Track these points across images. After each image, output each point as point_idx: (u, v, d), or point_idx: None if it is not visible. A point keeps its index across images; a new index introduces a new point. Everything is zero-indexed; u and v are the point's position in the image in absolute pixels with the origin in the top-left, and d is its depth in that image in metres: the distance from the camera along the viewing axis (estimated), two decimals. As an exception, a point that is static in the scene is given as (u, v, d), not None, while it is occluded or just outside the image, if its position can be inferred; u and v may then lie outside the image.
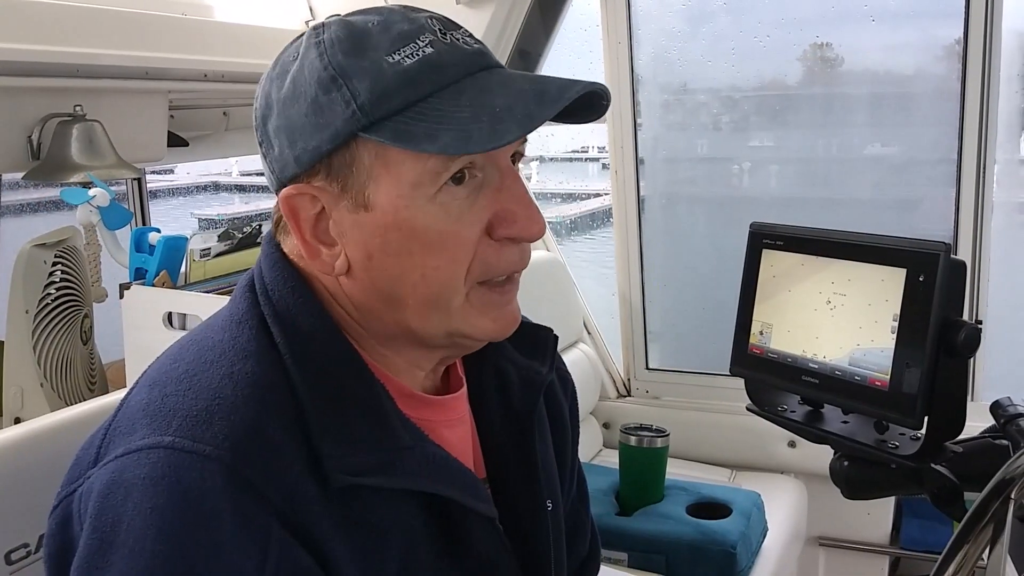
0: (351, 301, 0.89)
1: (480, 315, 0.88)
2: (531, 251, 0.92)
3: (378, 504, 0.83)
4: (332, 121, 0.82)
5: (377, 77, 0.82)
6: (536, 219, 0.86)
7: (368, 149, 0.83)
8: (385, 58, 0.82)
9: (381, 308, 0.88)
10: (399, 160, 0.82)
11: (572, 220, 10.17)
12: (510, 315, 0.91)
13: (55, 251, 1.96)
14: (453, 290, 0.86)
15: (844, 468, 1.04)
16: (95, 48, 1.85)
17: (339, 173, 0.84)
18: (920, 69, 2.69)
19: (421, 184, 0.82)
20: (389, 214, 0.83)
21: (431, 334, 0.88)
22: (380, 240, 0.84)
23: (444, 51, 0.84)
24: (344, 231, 0.86)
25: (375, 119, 0.81)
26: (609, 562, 2.10)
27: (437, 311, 0.86)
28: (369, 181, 0.83)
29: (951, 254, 0.90)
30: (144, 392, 0.83)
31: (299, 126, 0.84)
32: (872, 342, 0.94)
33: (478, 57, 0.86)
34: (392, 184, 0.83)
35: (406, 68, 0.82)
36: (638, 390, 3.07)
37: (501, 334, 0.92)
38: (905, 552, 2.71)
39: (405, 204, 0.83)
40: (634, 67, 2.82)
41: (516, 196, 0.86)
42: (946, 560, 0.81)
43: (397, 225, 0.83)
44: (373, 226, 0.84)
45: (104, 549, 0.73)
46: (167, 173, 13.31)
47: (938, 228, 2.62)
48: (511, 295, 0.91)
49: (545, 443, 1.07)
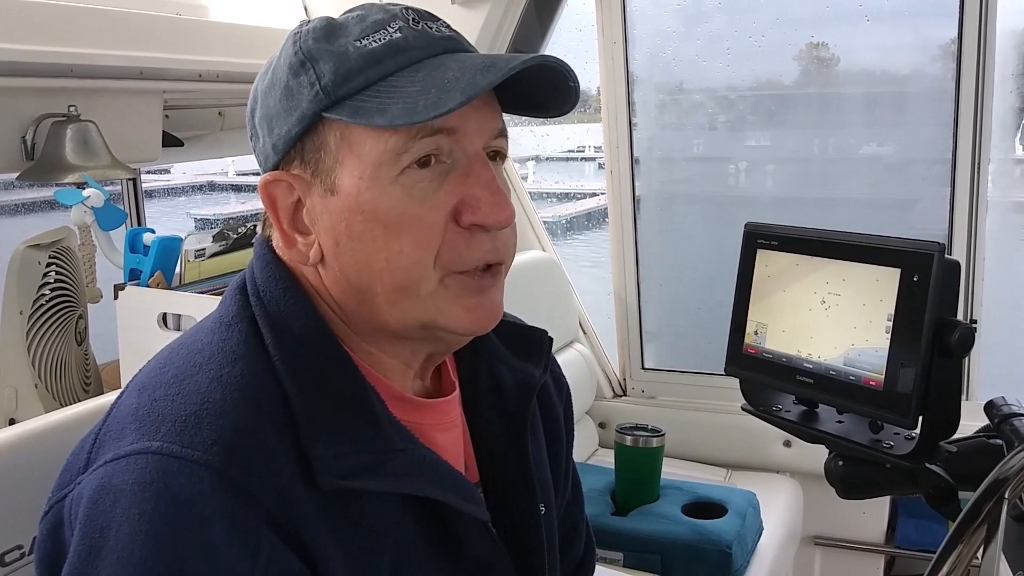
0: (332, 296, 0.89)
1: (454, 303, 0.86)
2: (513, 246, 0.91)
3: (370, 507, 0.83)
4: (299, 104, 0.85)
5: (341, 59, 0.84)
6: (502, 206, 0.85)
7: (333, 131, 0.85)
8: (353, 43, 0.85)
9: (355, 301, 0.88)
10: (361, 140, 0.83)
11: (568, 220, 10.18)
12: (487, 306, 0.89)
13: (49, 252, 1.95)
14: (420, 276, 0.85)
15: (839, 468, 1.04)
16: (89, 48, 1.85)
17: (310, 158, 0.86)
18: (915, 69, 2.70)
19: (382, 164, 0.83)
20: (352, 196, 0.84)
21: (405, 325, 0.87)
22: (345, 224, 0.85)
23: (412, 36, 0.85)
24: (316, 218, 0.87)
25: (336, 99, 0.83)
26: (605, 562, 2.10)
27: (407, 299, 0.86)
28: (336, 164, 0.85)
29: (945, 254, 0.90)
30: (134, 397, 0.83)
31: (275, 113, 0.87)
32: (867, 342, 0.95)
33: (445, 42, 0.87)
34: (356, 166, 0.84)
35: (371, 50, 0.84)
36: (634, 390, 3.07)
37: (477, 326, 0.90)
38: (900, 551, 2.72)
39: (367, 186, 0.83)
40: (629, 67, 2.82)
41: (482, 182, 0.85)
42: (941, 559, 0.82)
43: (360, 208, 0.84)
44: (339, 210, 0.85)
45: (93, 555, 0.73)
46: (163, 173, 13.32)
47: (933, 228, 2.63)
48: (490, 287, 0.89)
49: (539, 446, 1.07)
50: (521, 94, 0.89)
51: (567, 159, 14.36)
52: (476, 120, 0.85)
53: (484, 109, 0.86)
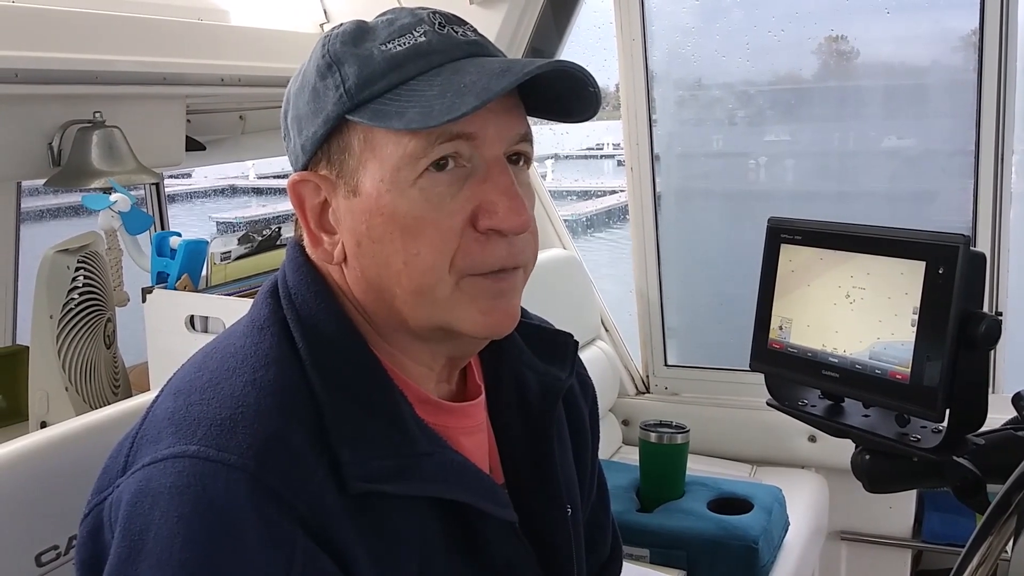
0: (355, 296, 0.90)
1: (470, 305, 0.87)
2: (532, 250, 0.91)
3: (397, 510, 0.84)
4: (325, 106, 0.86)
5: (366, 62, 0.85)
6: (519, 211, 0.85)
7: (356, 133, 0.86)
8: (379, 46, 0.85)
9: (376, 301, 0.89)
10: (383, 143, 0.84)
11: (588, 217, 10.16)
12: (503, 310, 0.89)
13: (78, 256, 1.97)
14: (437, 279, 0.85)
15: (866, 462, 1.04)
16: (113, 55, 1.87)
17: (336, 159, 0.87)
18: (936, 60, 2.68)
19: (402, 168, 0.84)
20: (373, 198, 0.85)
21: (423, 327, 0.88)
22: (366, 225, 0.86)
23: (436, 40, 0.86)
24: (340, 218, 0.89)
25: (359, 101, 0.84)
26: (631, 558, 2.10)
27: (424, 301, 0.86)
28: (359, 166, 0.86)
29: (970, 246, 0.90)
30: (169, 400, 0.84)
31: (304, 115, 0.89)
32: (892, 335, 0.94)
33: (469, 46, 0.88)
34: (377, 168, 0.85)
35: (395, 54, 0.85)
36: (657, 387, 3.07)
37: (493, 330, 0.90)
38: (928, 545, 2.70)
39: (387, 188, 0.84)
40: (648, 64, 2.82)
41: (500, 187, 0.85)
42: (970, 552, 0.81)
43: (380, 210, 0.85)
44: (361, 211, 0.86)
45: (133, 558, 0.75)
46: (184, 177, 13.38)
47: (955, 220, 2.61)
48: (507, 289, 0.89)
49: (564, 448, 1.07)
50: (546, 99, 0.89)
51: (586, 157, 14.33)
52: (496, 125, 0.86)
53: (505, 114, 0.86)
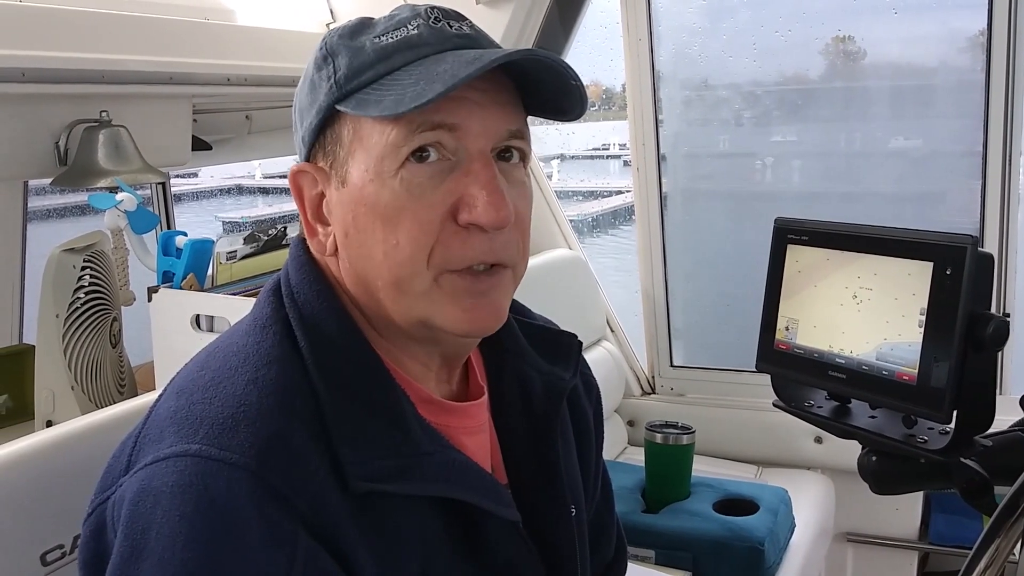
0: (349, 290, 0.90)
1: (450, 303, 0.86)
2: (518, 247, 0.89)
3: (399, 510, 0.84)
4: (319, 97, 0.88)
5: (357, 53, 0.86)
6: (499, 206, 0.84)
7: (345, 124, 0.87)
8: (372, 39, 0.87)
9: (364, 293, 0.89)
10: (369, 133, 0.85)
11: (594, 218, 10.16)
12: (485, 308, 0.88)
13: (84, 256, 1.97)
14: (414, 272, 0.85)
15: (872, 463, 1.04)
16: (120, 54, 1.87)
17: (330, 151, 0.89)
18: (943, 61, 2.67)
19: (384, 158, 0.84)
20: (358, 188, 0.86)
21: (406, 321, 0.88)
22: (352, 215, 0.87)
23: (427, 33, 0.86)
24: (332, 209, 0.90)
25: (347, 91, 0.86)
26: (636, 559, 2.10)
27: (403, 295, 0.86)
28: (348, 157, 0.87)
29: (978, 247, 0.89)
30: (172, 400, 0.84)
31: (304, 107, 0.90)
32: (899, 336, 0.94)
33: (459, 39, 0.88)
34: (364, 159, 0.85)
35: (384, 46, 0.86)
36: (663, 387, 3.06)
37: (474, 328, 0.89)
38: (934, 547, 2.69)
39: (371, 179, 0.85)
40: (655, 64, 2.81)
41: (481, 180, 0.84)
42: (977, 555, 0.81)
43: (363, 200, 0.85)
44: (348, 202, 0.87)
45: (135, 556, 0.75)
46: (190, 177, 13.42)
47: (963, 221, 2.60)
48: (490, 288, 0.88)
49: (568, 448, 1.07)
50: (540, 98, 0.89)
51: (591, 157, 14.33)
52: (481, 118, 0.85)
53: (493, 108, 0.86)
